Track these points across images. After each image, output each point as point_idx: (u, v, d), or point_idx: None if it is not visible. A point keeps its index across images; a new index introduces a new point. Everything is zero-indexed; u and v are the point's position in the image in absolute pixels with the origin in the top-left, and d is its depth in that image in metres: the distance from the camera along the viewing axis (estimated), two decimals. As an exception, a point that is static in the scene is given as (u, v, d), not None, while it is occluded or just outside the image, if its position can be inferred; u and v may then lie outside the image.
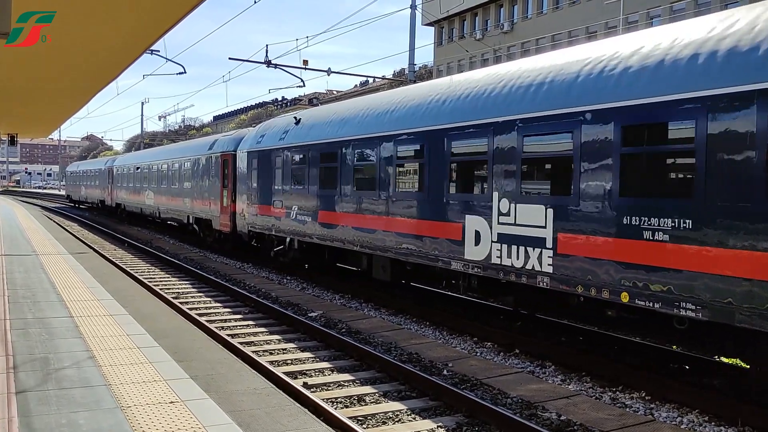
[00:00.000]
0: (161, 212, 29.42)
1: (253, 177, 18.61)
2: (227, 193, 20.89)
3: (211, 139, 25.05)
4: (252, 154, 18.82)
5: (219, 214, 21.63)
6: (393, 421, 6.94)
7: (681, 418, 7.16)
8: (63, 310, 9.78)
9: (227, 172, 21.10)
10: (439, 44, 67.02)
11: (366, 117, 13.52)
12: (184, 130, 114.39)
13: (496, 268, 9.65)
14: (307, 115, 16.81)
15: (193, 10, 6.79)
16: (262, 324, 11.62)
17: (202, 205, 23.47)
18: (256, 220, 18.34)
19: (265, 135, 18.40)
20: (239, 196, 19.69)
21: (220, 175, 21.74)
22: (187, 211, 25.50)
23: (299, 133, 16.25)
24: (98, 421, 5.31)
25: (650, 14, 44.66)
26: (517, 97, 9.50)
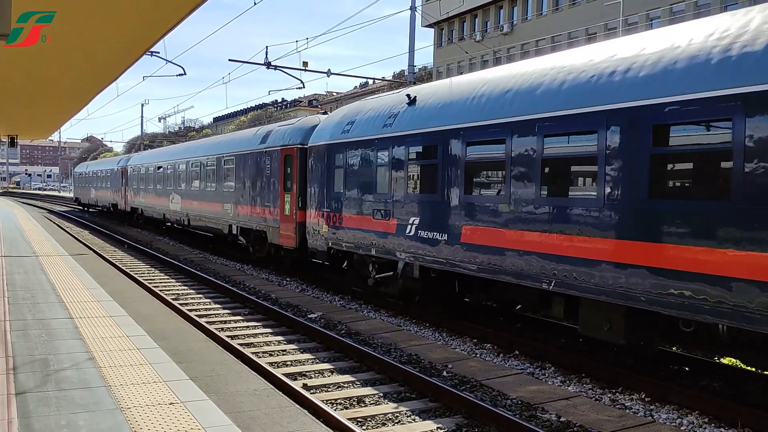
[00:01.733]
0: (191, 219, 25.03)
1: (335, 178, 14.33)
2: (291, 199, 16.64)
3: (262, 130, 20.31)
4: (334, 148, 14.46)
5: (278, 224, 17.28)
6: (392, 423, 6.94)
7: (681, 420, 7.16)
8: (63, 311, 9.78)
9: (290, 172, 16.78)
10: (439, 46, 67.06)
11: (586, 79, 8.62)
12: (184, 131, 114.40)
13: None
14: (427, 92, 12.23)
15: (192, 11, 6.79)
16: (262, 325, 11.62)
17: (252, 213, 19.09)
18: (341, 235, 13.97)
19: (355, 121, 13.90)
20: (311, 202, 15.46)
21: (279, 176, 17.34)
22: (229, 219, 21.01)
23: (419, 116, 11.80)
24: (98, 422, 5.31)
25: (650, 16, 44.71)
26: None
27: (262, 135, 19.20)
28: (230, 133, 23.74)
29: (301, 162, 16.33)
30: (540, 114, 9.06)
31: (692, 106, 7.11)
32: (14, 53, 8.80)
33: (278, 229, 17.32)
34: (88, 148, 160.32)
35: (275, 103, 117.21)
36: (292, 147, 16.83)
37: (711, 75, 7.00)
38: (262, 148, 18.74)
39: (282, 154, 17.34)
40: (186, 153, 27.12)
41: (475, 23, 63.00)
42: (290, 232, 16.60)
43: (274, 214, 17.60)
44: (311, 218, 15.48)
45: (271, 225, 17.84)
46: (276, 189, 17.59)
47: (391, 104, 12.99)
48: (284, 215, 16.97)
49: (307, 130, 16.54)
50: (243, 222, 19.91)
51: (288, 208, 16.80)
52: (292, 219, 16.54)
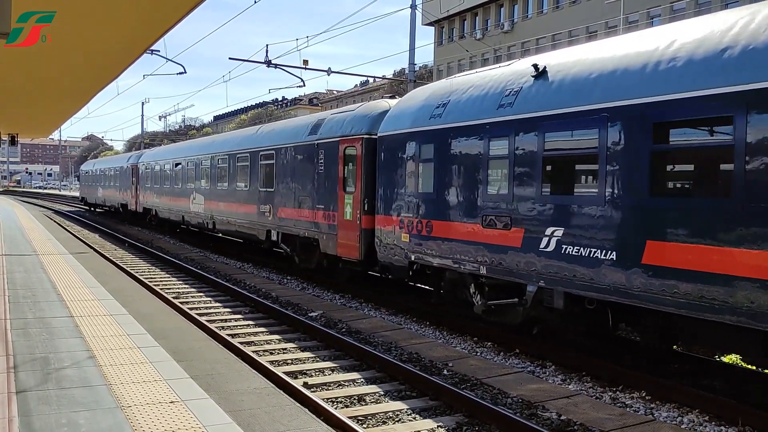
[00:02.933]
0: (217, 222, 22.17)
1: (421, 175, 11.59)
2: (353, 201, 13.71)
3: (310, 119, 17.38)
4: (419, 138, 11.59)
5: (335, 231, 14.42)
6: (393, 421, 6.94)
7: (681, 418, 7.16)
8: (63, 309, 9.79)
9: (352, 168, 13.95)
10: (439, 44, 67.06)
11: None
12: (184, 130, 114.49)
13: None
14: (565, 60, 9.33)
15: (193, 10, 6.78)
16: (263, 324, 11.63)
17: (299, 217, 16.15)
18: (429, 247, 11.29)
19: (449, 103, 11.12)
20: (383, 205, 12.72)
21: (337, 173, 14.44)
22: (267, 223, 18.07)
23: (559, 91, 8.94)
24: (98, 420, 5.31)
25: (650, 14, 44.69)
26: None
27: (312, 125, 16.20)
28: (268, 125, 20.90)
29: (367, 156, 13.38)
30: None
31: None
32: (14, 53, 8.80)
33: (335, 237, 14.39)
34: (88, 147, 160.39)
35: (275, 102, 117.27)
36: (356, 138, 13.80)
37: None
38: (311, 141, 15.72)
39: (341, 147, 14.30)
40: (210, 148, 23.92)
41: (476, 21, 62.99)
42: (352, 241, 13.69)
43: (328, 218, 14.70)
44: (383, 225, 12.64)
45: (324, 232, 14.86)
46: (332, 189, 14.64)
47: (505, 79, 10.12)
48: (343, 220, 14.02)
49: (374, 117, 13.60)
50: (286, 227, 16.96)
51: (349, 212, 13.86)
52: (354, 225, 13.62)
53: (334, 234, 14.48)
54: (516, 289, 9.66)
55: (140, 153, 36.83)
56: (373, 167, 13.24)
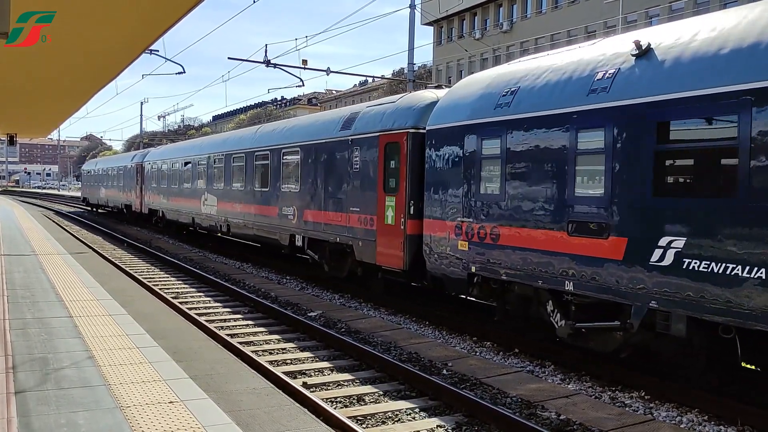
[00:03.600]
0: (231, 225, 20.81)
1: (484, 173, 10.13)
2: (396, 203, 12.27)
3: (341, 113, 15.66)
4: (481, 131, 10.12)
5: (373, 237, 12.91)
6: (392, 421, 6.94)
7: (680, 418, 7.17)
8: (62, 310, 9.78)
9: (395, 166, 12.45)
10: (438, 44, 67.08)
11: None
12: (183, 129, 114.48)
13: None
14: (676, 36, 7.86)
15: (192, 9, 6.78)
16: (262, 324, 11.62)
17: (329, 221, 14.73)
18: (496, 257, 9.77)
19: (519, 90, 9.65)
20: (433, 208, 11.24)
21: (377, 172, 12.94)
22: (291, 227, 16.58)
23: (668, 73, 7.59)
24: (97, 421, 5.31)
25: (649, 14, 44.72)
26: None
27: (344, 120, 14.68)
28: (292, 119, 19.59)
29: (413, 153, 11.93)
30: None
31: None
32: (14, 53, 8.80)
33: (373, 244, 12.87)
34: (87, 147, 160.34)
35: (275, 102, 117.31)
36: (399, 132, 12.28)
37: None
38: (344, 137, 14.21)
39: (381, 143, 12.81)
40: (224, 145, 22.31)
41: (475, 21, 63.02)
42: (395, 249, 12.17)
43: (365, 223, 13.14)
44: (433, 231, 11.17)
45: (360, 237, 13.33)
46: (369, 190, 13.10)
47: (594, 60, 8.71)
48: (384, 225, 12.52)
49: (421, 109, 12.18)
50: (313, 232, 15.39)
51: (391, 216, 12.33)
52: (397, 231, 12.10)
53: (372, 240, 12.92)
54: (614, 309, 8.14)
55: (145, 151, 35.35)
56: (420, 165, 11.72)
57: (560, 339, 9.14)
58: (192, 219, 24.84)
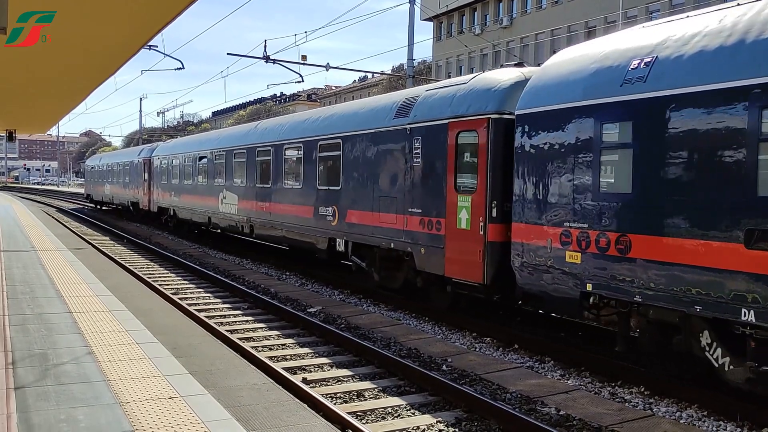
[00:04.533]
0: (255, 226, 18.89)
1: (606, 167, 8.23)
2: (473, 203, 10.32)
3: (394, 98, 13.42)
4: (601, 113, 8.20)
5: (440, 243, 10.97)
6: (392, 417, 6.94)
7: (680, 413, 7.17)
8: (62, 306, 9.77)
9: (469, 159, 10.52)
10: (438, 39, 67.02)
11: None
12: (182, 125, 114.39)
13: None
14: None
15: (191, 4, 6.75)
16: (262, 320, 11.62)
17: (380, 223, 12.70)
18: (622, 273, 7.86)
19: (656, 60, 7.78)
20: (526, 210, 9.28)
21: (445, 166, 10.96)
22: (330, 229, 14.60)
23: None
24: (97, 416, 5.31)
25: (649, 8, 44.65)
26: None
27: (398, 105, 12.59)
28: (329, 108, 17.19)
29: (496, 143, 9.99)
30: None
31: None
32: (14, 53, 8.79)
33: (440, 252, 10.95)
34: (86, 143, 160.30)
35: (274, 97, 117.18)
36: (477, 118, 10.28)
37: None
38: (399, 125, 12.19)
39: (451, 132, 10.84)
40: (247, 138, 20.14)
41: (475, 17, 62.95)
42: (471, 258, 10.27)
43: (429, 226, 11.25)
44: (527, 237, 9.21)
45: (422, 244, 11.42)
46: (435, 188, 11.20)
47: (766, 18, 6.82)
48: (456, 230, 10.62)
49: (505, 90, 10.15)
50: (359, 235, 13.46)
51: (465, 219, 10.44)
52: (474, 237, 10.22)
53: (439, 247, 11.00)
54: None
55: (154, 146, 33.38)
56: (506, 158, 9.82)
57: (730, 384, 7.11)
58: (208, 218, 22.89)
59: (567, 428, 6.58)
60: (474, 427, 6.67)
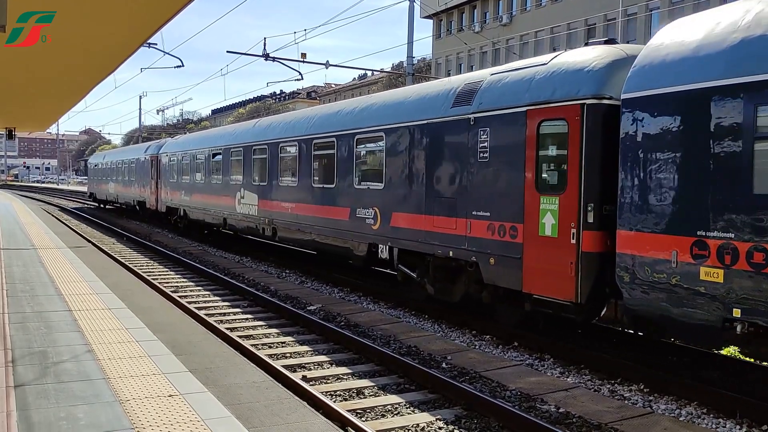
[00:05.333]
0: (279, 228, 17.17)
1: (755, 163, 6.68)
2: (561, 206, 8.74)
3: (450, 84, 11.54)
4: (755, 95, 6.67)
5: (519, 252, 9.36)
6: (392, 414, 6.95)
7: (679, 410, 7.18)
8: (61, 303, 9.78)
9: (556, 153, 9.03)
10: (438, 37, 66.96)
11: None
12: (182, 123, 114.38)
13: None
14: None
15: (190, 2, 6.75)
16: (261, 317, 11.63)
17: (435, 227, 11.11)
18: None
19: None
20: (644, 214, 7.69)
21: (526, 162, 9.33)
22: (371, 233, 12.98)
23: None
24: (97, 414, 5.31)
25: (649, 6, 44.61)
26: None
27: (456, 92, 10.93)
28: (366, 98, 15.21)
29: (592, 133, 8.40)
30: None
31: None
32: (13, 52, 8.79)
33: (516, 263, 9.40)
34: (86, 141, 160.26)
35: (274, 95, 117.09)
36: (567, 104, 8.69)
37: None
38: (461, 115, 10.54)
39: (531, 121, 9.22)
40: (269, 133, 18.46)
41: (474, 14, 62.87)
42: (559, 271, 8.66)
43: (501, 232, 9.67)
44: (642, 248, 7.64)
45: (492, 252, 9.82)
46: (509, 187, 9.59)
47: None
48: (537, 237, 9.04)
49: (604, 70, 8.58)
50: (408, 241, 11.85)
51: (551, 225, 8.84)
52: (564, 245, 8.62)
53: (514, 257, 9.42)
54: None
55: (161, 142, 31.95)
56: (606, 151, 8.30)
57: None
58: (223, 219, 21.21)
59: (567, 426, 6.59)
60: (474, 425, 6.68)
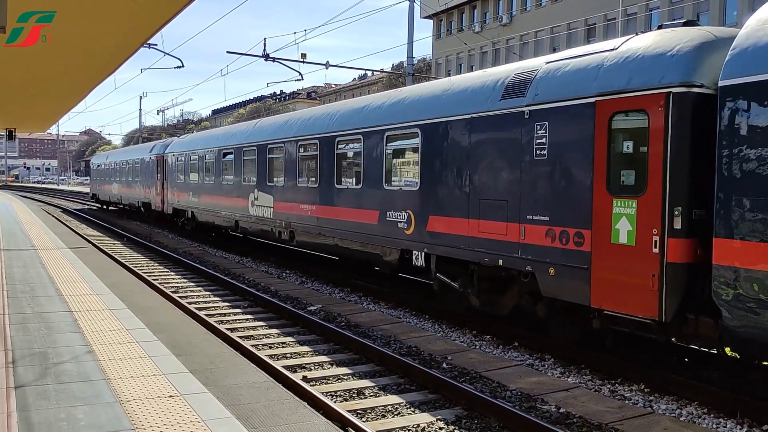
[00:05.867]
0: (297, 232, 16.20)
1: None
2: (639, 210, 7.73)
3: (491, 75, 10.61)
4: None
5: (587, 262, 8.33)
6: (392, 414, 6.95)
7: (680, 410, 7.17)
8: (62, 304, 9.78)
9: (631, 150, 8.03)
10: (438, 37, 66.98)
11: None
12: (182, 124, 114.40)
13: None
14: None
15: (190, 3, 6.75)
16: (262, 318, 11.63)
17: (480, 232, 10.10)
18: None
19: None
20: (746, 222, 6.66)
21: (595, 159, 8.28)
22: (404, 238, 12.01)
23: None
24: (97, 415, 5.31)
25: (649, 6, 44.61)
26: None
27: (506, 82, 9.89)
28: (396, 91, 13.92)
29: (680, 126, 7.39)
30: None
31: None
32: (14, 52, 8.79)
33: (583, 273, 8.31)
34: (86, 141, 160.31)
35: (274, 95, 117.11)
36: (646, 94, 7.65)
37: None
38: (513, 108, 9.51)
39: (602, 114, 8.14)
40: (286, 130, 17.39)
41: (474, 14, 62.89)
42: (640, 283, 7.58)
43: (564, 239, 8.61)
44: (748, 260, 6.61)
45: (552, 261, 8.81)
46: (574, 188, 8.53)
47: None
48: (609, 245, 7.97)
49: (690, 54, 7.59)
50: (447, 248, 10.85)
51: (627, 231, 7.77)
52: (644, 255, 7.54)
53: (580, 267, 8.34)
54: None
55: (167, 141, 31.06)
56: (697, 147, 7.34)
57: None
58: (235, 222, 20.20)
59: (567, 426, 6.59)
60: (474, 425, 6.68)
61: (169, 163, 27.71)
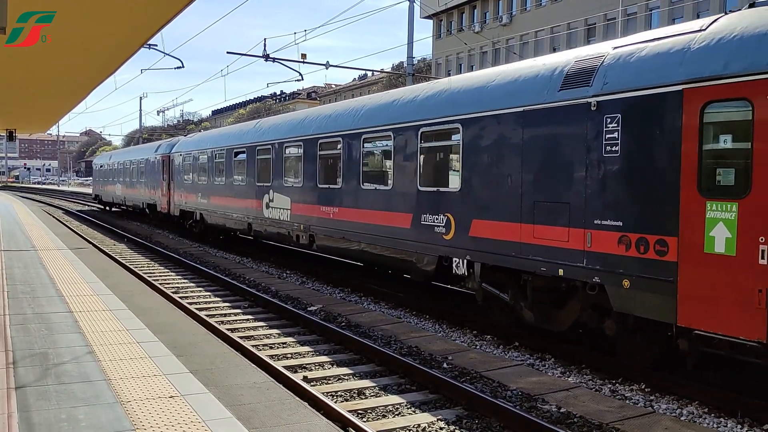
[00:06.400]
0: (317, 236, 15.21)
1: None
2: (741, 216, 6.59)
3: (545, 64, 9.46)
4: None
5: (672, 275, 7.19)
6: (393, 415, 6.95)
7: (680, 410, 7.17)
8: (62, 305, 9.78)
9: (732, 146, 6.98)
10: (438, 37, 67.01)
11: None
12: (183, 124, 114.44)
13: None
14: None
15: (190, 3, 6.76)
16: (262, 318, 11.63)
17: (535, 238, 9.07)
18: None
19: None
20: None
21: (682, 157, 7.14)
22: (441, 244, 11.00)
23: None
24: (98, 415, 5.31)
25: (649, 6, 44.62)
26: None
27: (566, 70, 8.84)
28: (434, 83, 12.55)
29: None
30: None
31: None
32: (14, 52, 8.80)
33: (667, 286, 7.28)
34: (86, 142, 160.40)
35: (274, 96, 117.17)
36: (749, 80, 6.63)
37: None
38: (577, 99, 8.45)
39: (691, 104, 7.11)
40: (305, 127, 16.34)
41: (474, 14, 62.93)
42: (741, 297, 6.66)
43: (642, 247, 7.57)
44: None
45: (625, 272, 7.78)
46: (655, 188, 7.47)
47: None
48: (702, 255, 6.94)
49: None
50: (495, 255, 9.80)
51: (724, 239, 6.80)
52: (747, 267, 6.61)
53: (664, 280, 7.29)
54: None
55: (173, 141, 30.19)
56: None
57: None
58: (248, 225, 19.26)
59: (568, 426, 6.58)
60: (475, 425, 6.68)
61: (175, 163, 26.78)
